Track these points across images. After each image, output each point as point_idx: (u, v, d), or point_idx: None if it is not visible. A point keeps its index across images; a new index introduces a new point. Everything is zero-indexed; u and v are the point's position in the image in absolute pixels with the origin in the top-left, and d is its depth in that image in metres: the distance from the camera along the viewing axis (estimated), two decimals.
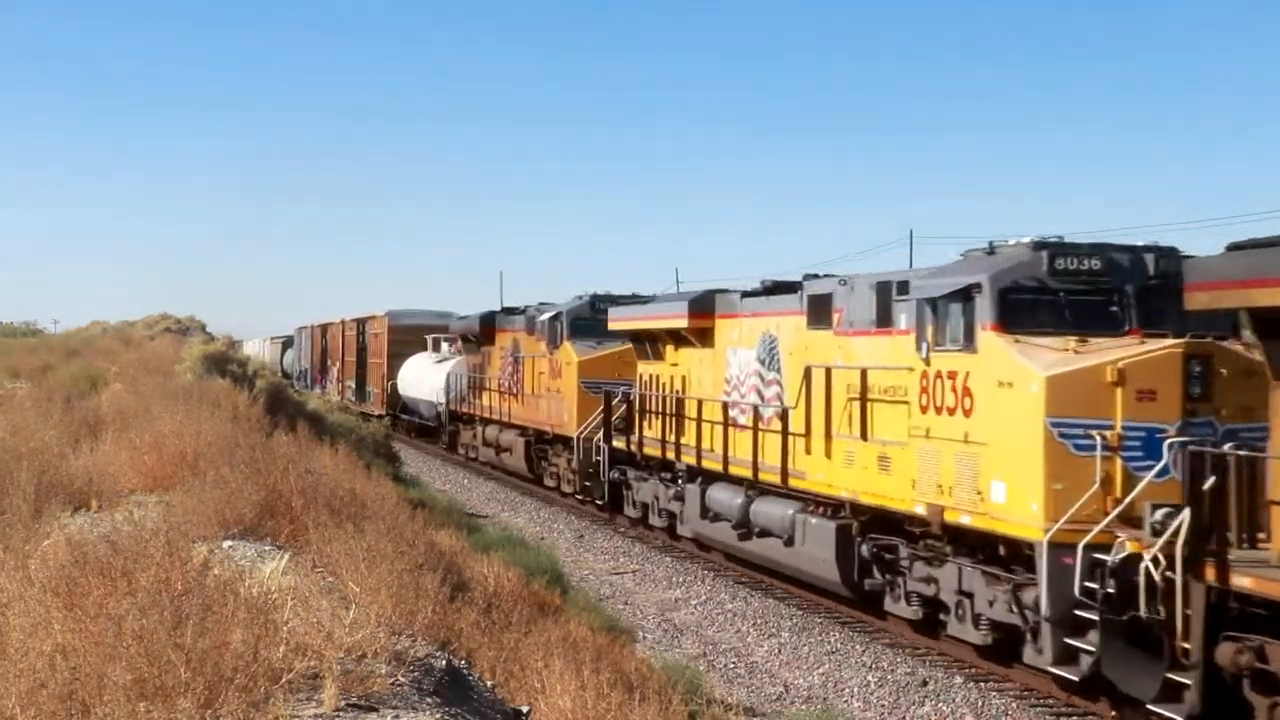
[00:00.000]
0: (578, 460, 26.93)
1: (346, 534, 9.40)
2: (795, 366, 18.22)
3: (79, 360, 29.61)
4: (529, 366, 31.27)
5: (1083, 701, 13.55)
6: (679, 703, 9.64)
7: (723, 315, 21.41)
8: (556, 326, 29.07)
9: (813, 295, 18.01)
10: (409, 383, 45.92)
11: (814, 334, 17.77)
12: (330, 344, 63.48)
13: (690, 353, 22.40)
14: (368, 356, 53.66)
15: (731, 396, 20.44)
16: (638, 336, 24.78)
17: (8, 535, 8.67)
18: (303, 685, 6.15)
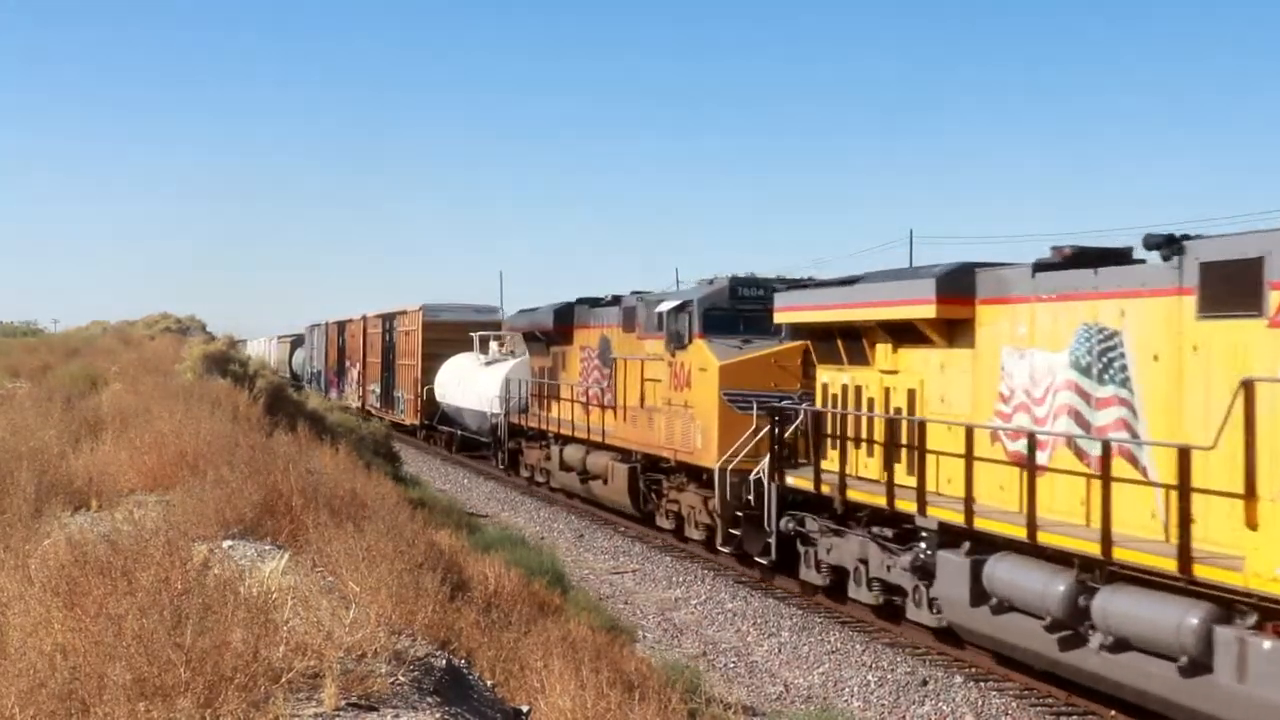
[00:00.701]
0: (720, 499, 20.33)
1: (346, 534, 9.40)
2: None
3: (79, 360, 29.60)
4: (628, 372, 24.72)
5: (1083, 701, 13.56)
6: (678, 702, 9.64)
7: (993, 300, 14.88)
8: (683, 320, 22.12)
9: None
10: (450, 388, 39.51)
11: None
12: (349, 343, 57.57)
13: (925, 355, 16.05)
14: (396, 357, 47.29)
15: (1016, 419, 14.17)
16: (823, 332, 18.49)
17: (8, 535, 8.67)
18: (303, 685, 6.15)
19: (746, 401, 20.24)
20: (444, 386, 40.20)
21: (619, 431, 25.19)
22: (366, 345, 52.80)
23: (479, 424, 36.82)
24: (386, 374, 49.22)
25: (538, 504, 29.74)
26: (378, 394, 50.61)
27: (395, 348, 47.38)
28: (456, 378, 38.98)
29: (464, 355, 39.99)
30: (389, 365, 48.70)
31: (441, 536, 14.41)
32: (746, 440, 20.00)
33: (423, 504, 19.39)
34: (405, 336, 45.64)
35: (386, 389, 49.22)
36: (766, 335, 21.10)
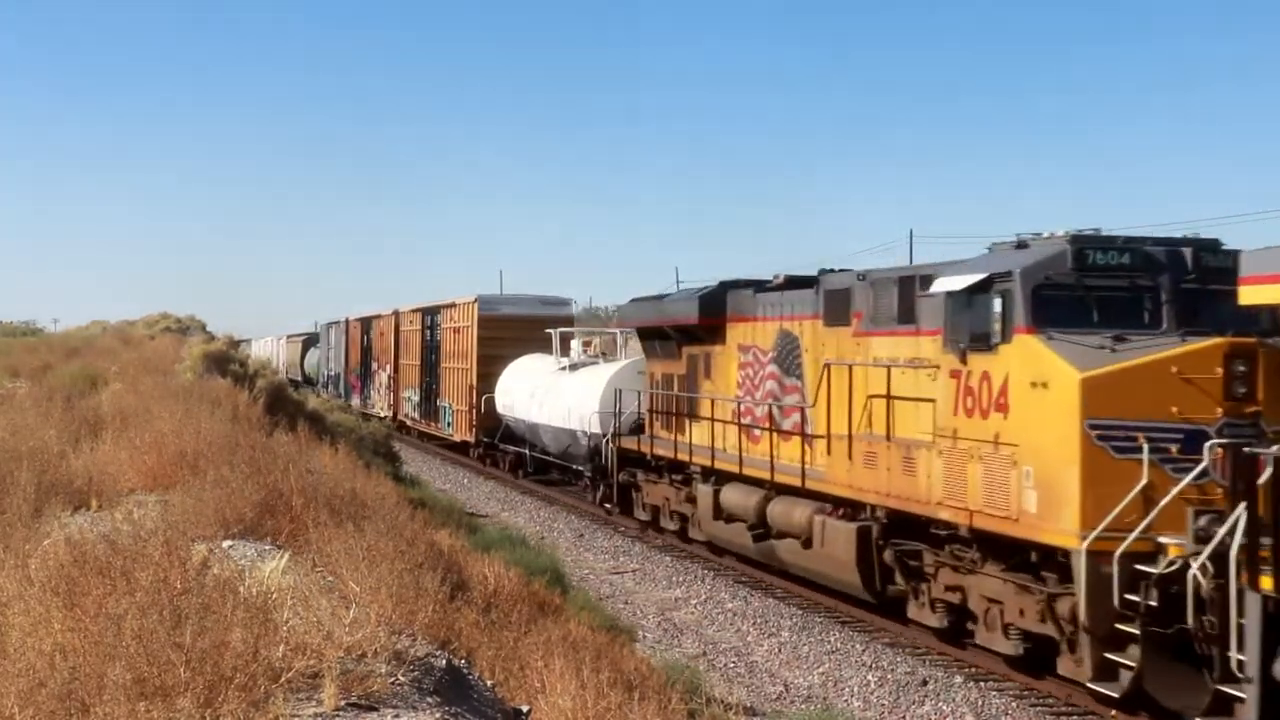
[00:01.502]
0: (1087, 602, 12.41)
1: (346, 533, 9.40)
2: None
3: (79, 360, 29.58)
4: (851, 384, 16.96)
5: (1083, 701, 13.55)
6: (678, 702, 9.64)
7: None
8: (990, 304, 13.94)
9: None
10: (518, 399, 31.84)
11: None
12: (376, 342, 50.93)
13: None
14: (441, 359, 39.88)
15: None
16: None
17: (8, 535, 8.67)
18: (302, 685, 6.15)
19: (1130, 438, 12.64)
20: (509, 395, 32.66)
21: (835, 472, 17.18)
22: (400, 345, 45.88)
23: (563, 445, 28.99)
24: (428, 379, 41.74)
25: (538, 504, 29.73)
26: (415, 403, 43.54)
27: (440, 348, 40.21)
28: (528, 386, 31.22)
29: (534, 357, 33.17)
30: (431, 369, 41.21)
31: (441, 536, 14.40)
32: (1137, 502, 12.38)
33: (423, 504, 19.37)
34: (455, 334, 38.36)
35: (428, 397, 41.60)
36: (1143, 326, 13.60)
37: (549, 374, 30.70)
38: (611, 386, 26.00)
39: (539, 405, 29.95)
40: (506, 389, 33.12)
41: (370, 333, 52.60)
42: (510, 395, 32.75)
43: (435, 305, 41.19)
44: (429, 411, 41.78)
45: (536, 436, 31.31)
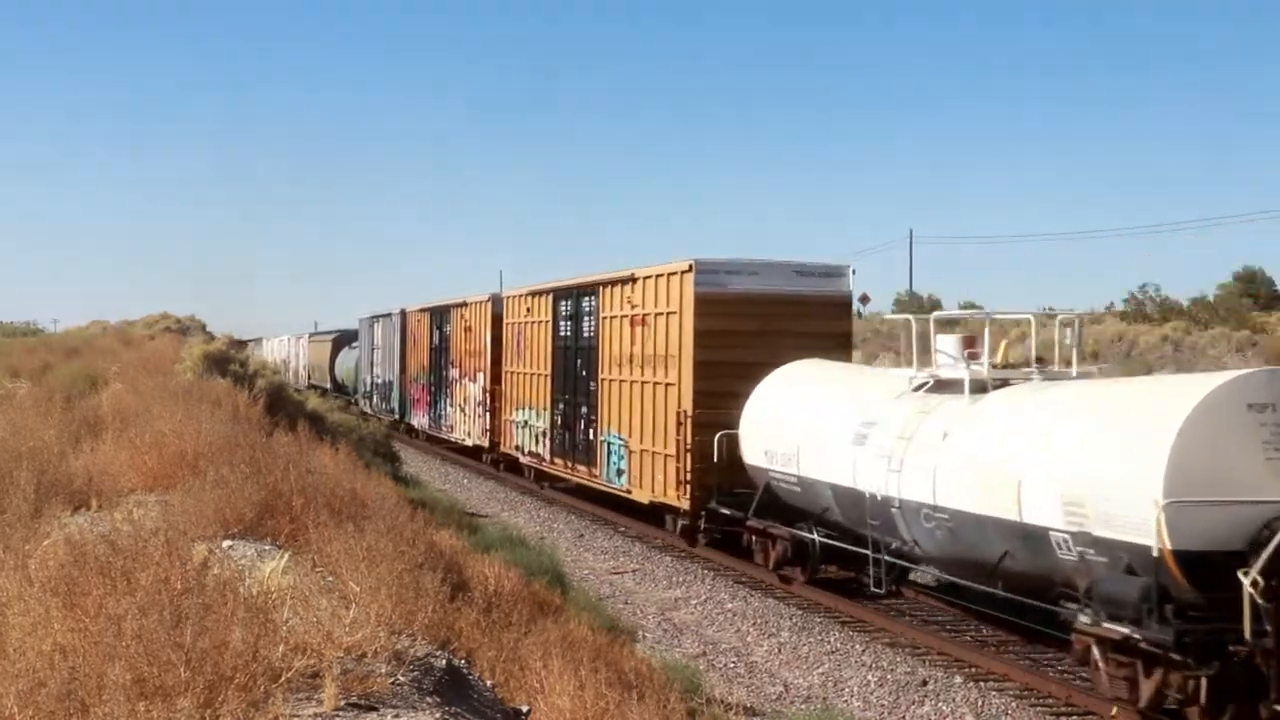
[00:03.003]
0: None
1: (346, 534, 9.39)
2: None
3: (79, 360, 29.59)
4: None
5: (1082, 701, 13.56)
6: (678, 702, 9.65)
7: None
8: None
9: None
10: (804, 444, 18.46)
11: None
12: (458, 340, 37.90)
13: None
14: (595, 367, 26.21)
15: None
16: None
17: (8, 535, 8.67)
18: (302, 685, 6.15)
19: None
20: (783, 435, 19.04)
21: None
22: (508, 343, 32.89)
23: (982, 551, 14.74)
24: (568, 398, 28.03)
25: (538, 504, 29.72)
26: (540, 433, 29.83)
27: (592, 349, 26.58)
28: (848, 422, 17.43)
29: (827, 367, 20.11)
30: (571, 381, 27.85)
31: (442, 536, 14.41)
32: None
33: (423, 504, 19.37)
34: (632, 327, 24.13)
35: (570, 426, 27.96)
36: None
37: (899, 406, 16.54)
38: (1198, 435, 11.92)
39: (895, 462, 15.84)
40: (775, 422, 19.31)
41: (445, 327, 39.23)
42: (786, 435, 18.89)
43: (576, 283, 27.75)
44: (574, 448, 27.64)
45: (855, 518, 17.16)
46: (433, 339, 41.54)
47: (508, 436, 33.30)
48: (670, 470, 22.42)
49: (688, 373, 21.88)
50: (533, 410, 30.95)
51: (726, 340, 21.61)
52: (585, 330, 27.31)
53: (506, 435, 33.37)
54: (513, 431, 32.71)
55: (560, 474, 29.61)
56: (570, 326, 28.34)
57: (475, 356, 36.30)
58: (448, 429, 39.99)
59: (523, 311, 31.98)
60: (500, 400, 33.77)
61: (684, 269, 22.15)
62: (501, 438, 33.99)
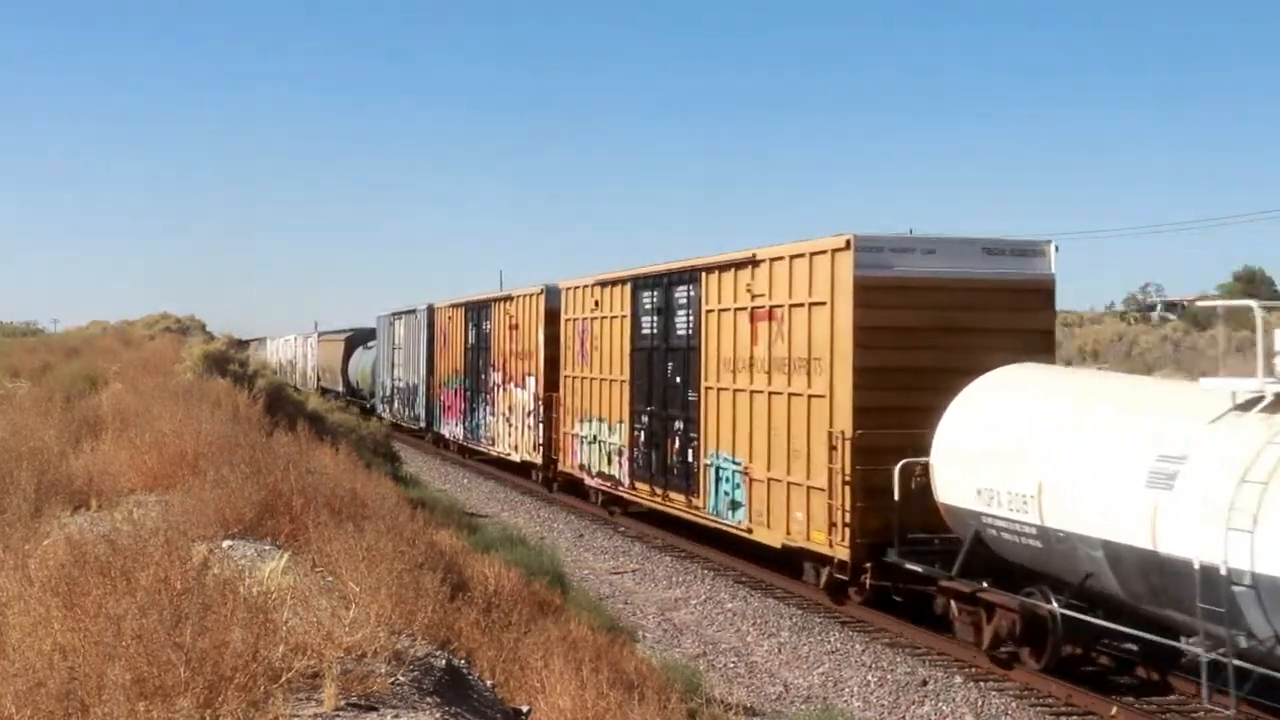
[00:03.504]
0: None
1: (346, 533, 9.39)
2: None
3: (79, 360, 29.58)
4: None
5: (1083, 701, 13.55)
6: (678, 702, 9.64)
7: None
8: None
9: None
10: (1083, 478, 12.95)
11: None
12: (501, 339, 32.90)
13: None
14: (696, 371, 21.35)
15: None
16: None
17: (8, 535, 8.66)
18: (302, 685, 6.15)
19: None
20: (1005, 472, 14.20)
21: None
22: (568, 342, 27.95)
23: None
24: (653, 411, 23.19)
25: (538, 504, 29.70)
26: (614, 450, 25.06)
27: (692, 352, 21.49)
28: (1087, 452, 13.15)
29: (1051, 374, 15.91)
30: (660, 390, 22.79)
31: (441, 536, 14.41)
32: None
33: (423, 504, 19.37)
34: (756, 323, 19.29)
35: (658, 444, 22.98)
36: None
37: (1271, 429, 11.44)
38: None
39: (1240, 516, 11.03)
40: (996, 451, 14.50)
41: (484, 324, 34.64)
42: (1016, 467, 14.08)
43: (666, 269, 22.73)
44: (665, 472, 22.62)
45: (1179, 592, 11.86)
46: (468, 338, 36.36)
47: (568, 453, 28.13)
48: (816, 507, 17.44)
49: (844, 382, 16.84)
50: (602, 423, 25.84)
51: (897, 339, 16.77)
52: (679, 327, 22.15)
53: (566, 451, 28.18)
54: (575, 447, 27.52)
55: (643, 501, 24.25)
56: (657, 322, 23.06)
57: (524, 358, 31.20)
58: (487, 441, 34.64)
59: (588, 305, 26.64)
60: (558, 410, 28.56)
61: (837, 246, 17.06)
62: (560, 454, 28.73)
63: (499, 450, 33.59)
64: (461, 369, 37.29)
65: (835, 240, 17.16)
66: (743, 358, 19.77)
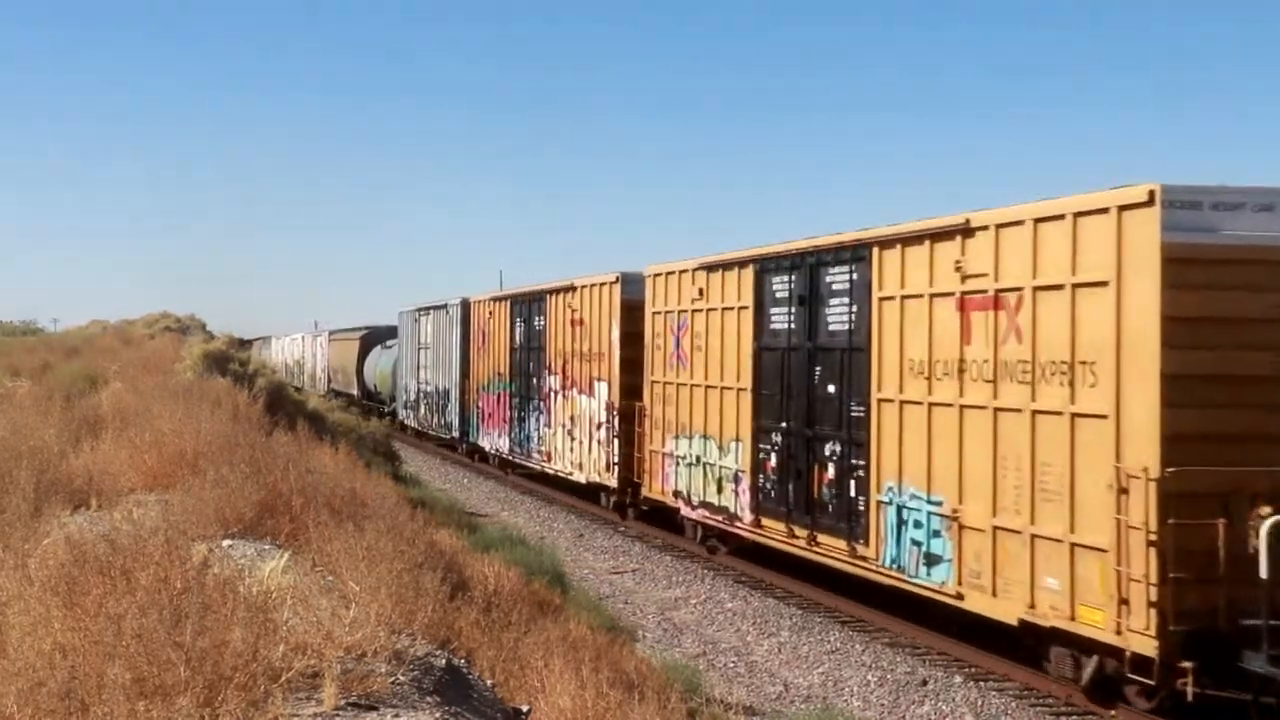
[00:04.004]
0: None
1: (346, 533, 9.39)
2: None
3: (79, 359, 29.56)
4: None
5: (1083, 701, 13.54)
6: (678, 701, 9.64)
7: None
8: None
9: None
10: None
11: None
12: (556, 337, 28.49)
13: None
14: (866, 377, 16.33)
15: None
16: None
17: (8, 534, 8.66)
18: (302, 684, 6.14)
19: None
20: None
21: None
22: (655, 341, 23.27)
23: None
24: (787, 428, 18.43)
25: (538, 504, 29.70)
26: (738, 476, 19.84)
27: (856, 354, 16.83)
28: None
29: None
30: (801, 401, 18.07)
31: (441, 536, 14.42)
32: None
33: (423, 504, 19.38)
34: (966, 313, 14.50)
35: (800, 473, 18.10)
36: None
37: None
38: None
39: None
40: None
41: (536, 320, 30.01)
42: None
43: (806, 247, 18.03)
44: (811, 507, 17.79)
45: None
46: (515, 336, 31.84)
47: (657, 475, 23.28)
48: (1088, 573, 12.63)
49: (1143, 397, 11.97)
50: (708, 441, 21.00)
51: (1227, 333, 12.12)
52: (834, 320, 17.27)
53: (654, 473, 23.37)
54: (666, 469, 22.73)
55: (773, 543, 18.96)
56: (796, 315, 18.16)
57: (592, 360, 26.36)
58: (540, 456, 30.09)
59: (686, 294, 21.85)
60: (641, 423, 23.81)
61: (1129, 201, 12.16)
62: (646, 476, 23.81)
63: (557, 468, 28.70)
64: (506, 372, 32.64)
65: (1124, 194, 12.19)
66: (946, 361, 14.87)
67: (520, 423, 31.83)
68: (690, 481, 21.87)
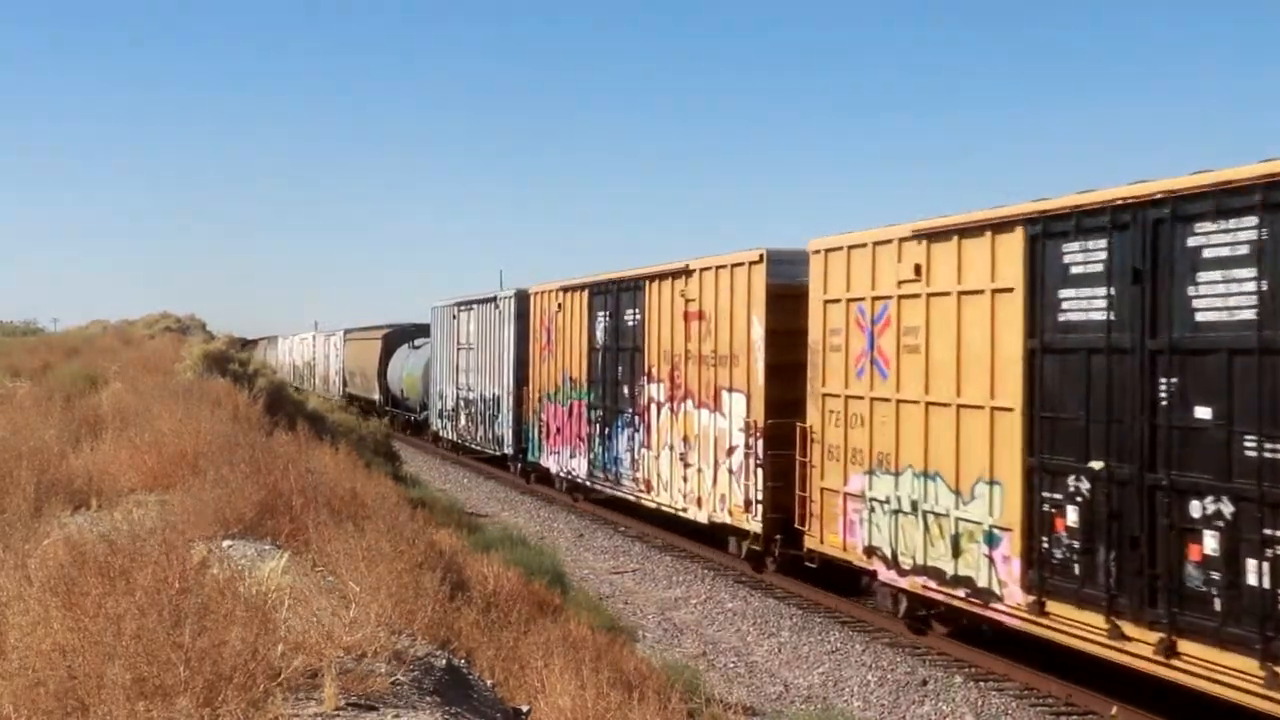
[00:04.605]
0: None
1: (346, 533, 9.39)
2: None
3: (79, 359, 29.56)
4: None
5: (1083, 701, 13.54)
6: (678, 702, 9.64)
7: None
8: None
9: None
10: None
11: None
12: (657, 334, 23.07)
13: None
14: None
15: None
16: None
17: (7, 535, 8.66)
18: (302, 684, 6.14)
19: None
20: None
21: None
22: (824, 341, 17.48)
23: None
24: (1096, 470, 12.41)
25: (538, 504, 29.69)
26: (984, 532, 14.10)
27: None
28: None
29: None
30: (1123, 425, 12.14)
31: (441, 536, 14.42)
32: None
33: (423, 504, 19.39)
34: None
35: (1123, 532, 12.10)
36: None
37: None
38: None
39: None
40: None
41: (628, 313, 24.51)
42: None
43: (1149, 190, 11.90)
44: (1196, 604, 11.32)
45: None
46: (595, 333, 26.27)
47: (832, 522, 17.31)
48: None
49: None
50: (934, 481, 15.07)
51: None
52: (1202, 305, 11.47)
53: (827, 519, 17.46)
54: (852, 515, 16.81)
55: (1077, 639, 12.97)
56: (1115, 299, 12.46)
57: (719, 365, 20.53)
58: (636, 484, 24.03)
59: (887, 276, 15.96)
60: (808, 449, 17.81)
61: None
62: (812, 522, 17.85)
63: (661, 501, 22.88)
64: (581, 377, 27.12)
65: None
66: None
67: (604, 441, 25.92)
68: (897, 536, 15.79)
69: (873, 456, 16.36)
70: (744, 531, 19.90)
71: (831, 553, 17.49)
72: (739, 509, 19.84)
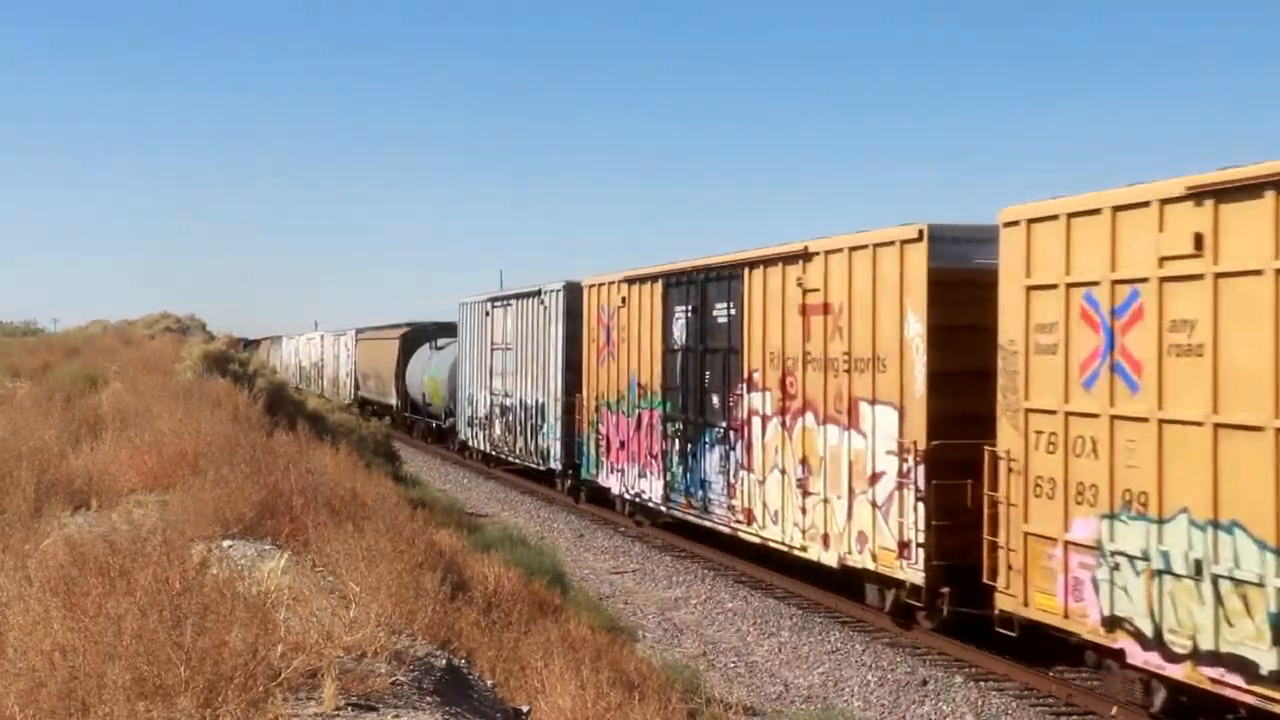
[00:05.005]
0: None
1: (346, 533, 9.39)
2: None
3: (79, 359, 29.54)
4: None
5: (1083, 701, 13.54)
6: (678, 702, 9.64)
7: None
8: None
9: None
10: None
11: None
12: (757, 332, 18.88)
13: None
14: None
15: None
16: None
17: (8, 535, 8.66)
18: (302, 684, 6.14)
19: None
20: None
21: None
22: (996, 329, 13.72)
23: None
24: None
25: (538, 504, 29.68)
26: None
27: None
28: None
29: None
30: None
31: (441, 536, 14.42)
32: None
33: (423, 504, 19.39)
34: None
35: None
36: None
37: None
38: None
39: None
40: None
41: (717, 307, 20.66)
42: None
43: None
44: None
45: None
46: (673, 332, 22.34)
47: (1051, 579, 13.08)
48: None
49: None
50: (1227, 535, 10.89)
51: None
52: None
53: (1034, 574, 13.35)
54: (1078, 572, 12.72)
55: None
56: None
57: (854, 370, 16.60)
58: (732, 514, 20.16)
59: (1136, 254, 11.89)
60: (1008, 480, 13.68)
61: None
62: (1015, 577, 13.62)
63: (767, 536, 18.96)
64: (655, 384, 23.10)
65: None
66: None
67: (685, 460, 21.92)
68: (1162, 606, 11.61)
69: (1115, 495, 12.13)
70: (894, 581, 15.99)
71: (1045, 619, 13.19)
72: (888, 552, 15.80)
